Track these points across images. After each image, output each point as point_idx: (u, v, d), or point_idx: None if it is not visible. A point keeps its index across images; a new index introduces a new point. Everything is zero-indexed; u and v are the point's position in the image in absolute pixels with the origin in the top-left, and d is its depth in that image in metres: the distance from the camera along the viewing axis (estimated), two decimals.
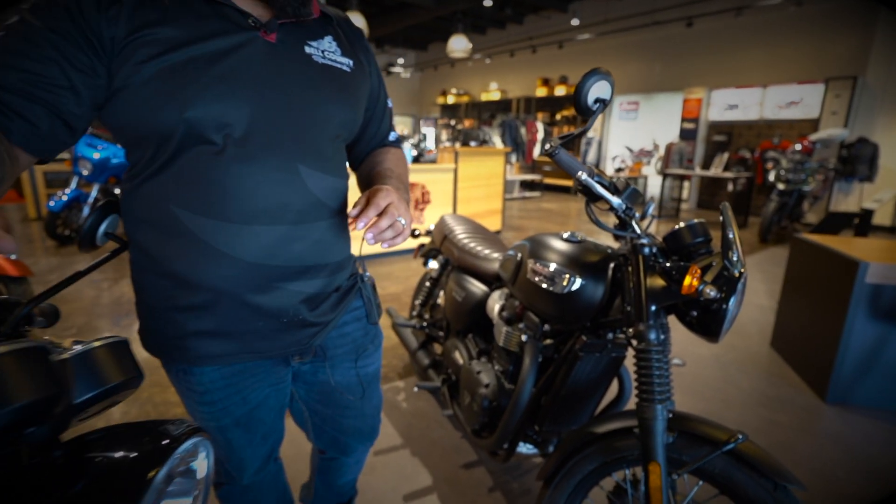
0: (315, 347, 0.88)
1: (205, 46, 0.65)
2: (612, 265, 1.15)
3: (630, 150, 9.54)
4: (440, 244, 1.96)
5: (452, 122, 12.66)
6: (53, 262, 4.22)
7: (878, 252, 2.24)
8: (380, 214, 0.69)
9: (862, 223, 3.42)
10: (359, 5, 5.92)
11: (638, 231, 1.05)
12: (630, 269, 1.05)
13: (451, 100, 13.29)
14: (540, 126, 10.00)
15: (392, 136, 1.00)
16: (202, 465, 0.51)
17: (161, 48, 0.63)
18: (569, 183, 10.53)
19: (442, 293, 1.99)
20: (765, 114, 7.83)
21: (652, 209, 1.24)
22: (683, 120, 8.65)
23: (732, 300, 0.95)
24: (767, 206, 5.89)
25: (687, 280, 0.93)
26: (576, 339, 1.21)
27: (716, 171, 7.45)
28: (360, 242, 0.78)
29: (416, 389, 1.88)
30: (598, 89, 0.92)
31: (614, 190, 1.03)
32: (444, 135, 11.39)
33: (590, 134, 9.91)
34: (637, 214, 1.06)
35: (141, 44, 0.62)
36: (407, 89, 14.89)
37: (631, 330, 1.03)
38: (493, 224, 5.85)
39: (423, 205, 4.89)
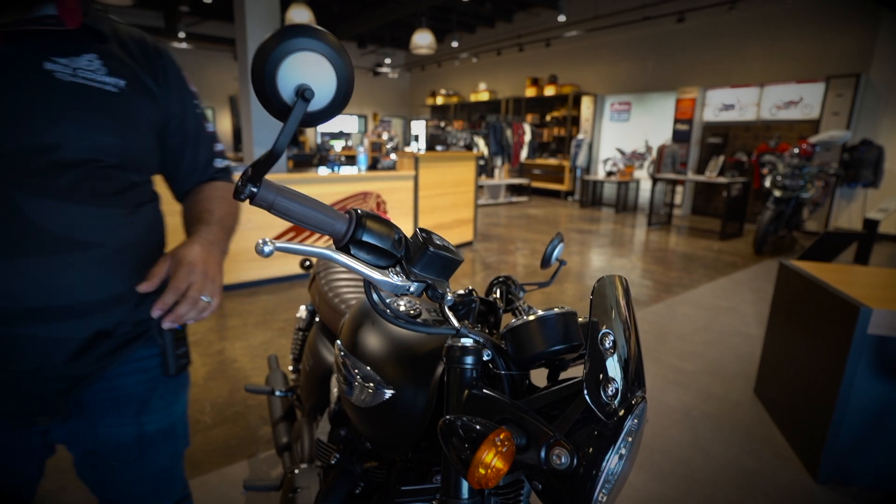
0: (69, 406, 0.76)
1: None
2: (440, 367, 0.70)
3: (622, 153, 9.06)
4: (310, 283, 1.51)
5: (442, 124, 12.22)
6: None
7: (884, 289, 1.77)
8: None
9: (864, 244, 2.93)
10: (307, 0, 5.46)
11: (455, 325, 0.59)
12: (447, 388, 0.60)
13: (440, 101, 12.85)
14: (527, 128, 9.53)
15: (218, 164, 0.91)
16: None
17: None
18: (558, 186, 10.06)
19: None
20: (762, 114, 7.34)
21: (559, 252, 0.80)
22: (676, 121, 8.17)
23: (608, 460, 0.50)
24: (763, 215, 5.42)
25: (481, 458, 0.47)
26: (391, 477, 0.76)
27: (710, 175, 6.95)
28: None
29: (244, 492, 1.43)
30: (299, 67, 0.46)
31: (404, 252, 0.57)
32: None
33: (580, 135, 9.44)
34: (449, 297, 0.60)
35: None
36: (396, 90, 14.47)
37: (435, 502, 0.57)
38: (463, 235, 5.39)
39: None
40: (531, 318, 0.58)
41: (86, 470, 0.85)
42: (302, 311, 1.57)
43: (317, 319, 1.42)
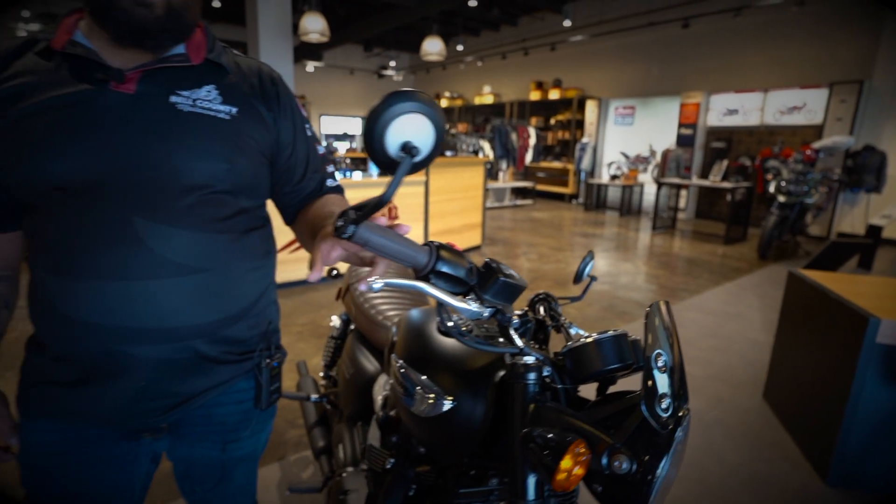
0: (169, 425, 0.83)
1: (44, 103, 0.67)
2: (498, 377, 0.76)
3: (626, 157, 9.13)
4: (343, 295, 1.58)
5: (447, 128, 12.29)
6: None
7: (891, 300, 1.84)
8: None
9: (868, 253, 3.00)
10: (318, 6, 5.53)
11: (519, 345, 0.66)
12: (512, 402, 0.67)
13: (444, 103, 12.93)
14: (532, 131, 9.60)
15: (329, 184, 0.94)
16: None
17: (4, 108, 0.67)
18: (562, 189, 10.13)
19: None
20: (766, 119, 7.41)
21: (590, 268, 0.86)
22: (681, 125, 8.24)
23: (663, 465, 0.57)
24: (767, 220, 5.48)
25: (562, 470, 0.54)
26: (448, 481, 0.83)
27: (714, 179, 7.02)
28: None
29: (287, 493, 1.50)
30: (407, 127, 0.53)
31: (477, 281, 0.65)
32: None
33: (584, 139, 9.50)
34: (514, 319, 0.67)
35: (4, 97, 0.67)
36: None
37: None
38: (472, 239, 5.46)
39: (391, 221, 4.51)
40: (589, 339, 0.65)
41: (181, 481, 0.93)
42: (335, 321, 1.63)
43: (352, 327, 1.49)
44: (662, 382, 0.59)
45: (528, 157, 9.60)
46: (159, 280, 0.71)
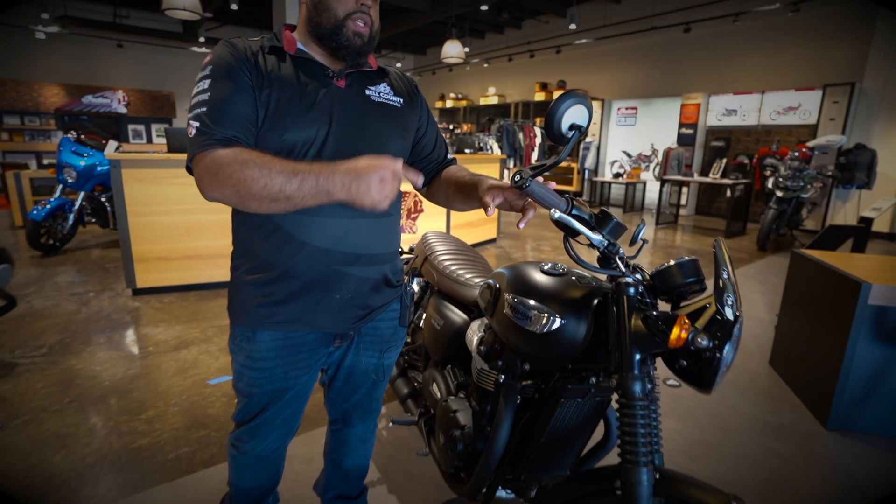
0: (353, 333, 1.10)
1: (298, 90, 0.94)
2: (595, 302, 1.05)
3: (628, 156, 9.46)
4: (421, 265, 1.86)
5: (451, 127, 12.57)
6: (33, 273, 4.11)
7: (880, 271, 2.14)
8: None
9: (861, 236, 3.33)
10: None
11: (622, 269, 0.95)
12: (615, 309, 0.96)
13: (449, 104, 13.21)
14: (538, 131, 9.91)
15: (450, 157, 1.24)
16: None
17: (272, 91, 0.91)
18: (567, 188, 10.45)
19: (423, 317, 1.88)
20: (763, 119, 7.75)
21: (643, 233, 1.14)
22: (681, 125, 8.57)
23: (728, 348, 0.86)
24: (766, 214, 5.81)
25: (675, 332, 0.83)
26: (556, 382, 1.11)
27: (714, 177, 7.35)
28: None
29: (391, 425, 1.78)
30: (573, 114, 0.82)
31: (595, 223, 0.94)
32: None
33: (588, 138, 9.83)
34: (621, 250, 0.96)
35: (265, 87, 0.92)
36: None
37: (615, 379, 0.93)
38: (488, 232, 5.75)
39: (416, 214, 4.79)
40: (672, 263, 0.94)
41: (338, 385, 1.21)
42: (415, 287, 1.92)
43: (434, 290, 1.78)
44: (728, 288, 0.88)
45: (535, 155, 9.90)
46: (370, 219, 1.01)
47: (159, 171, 3.41)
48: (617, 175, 9.13)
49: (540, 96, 10.74)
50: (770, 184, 5.94)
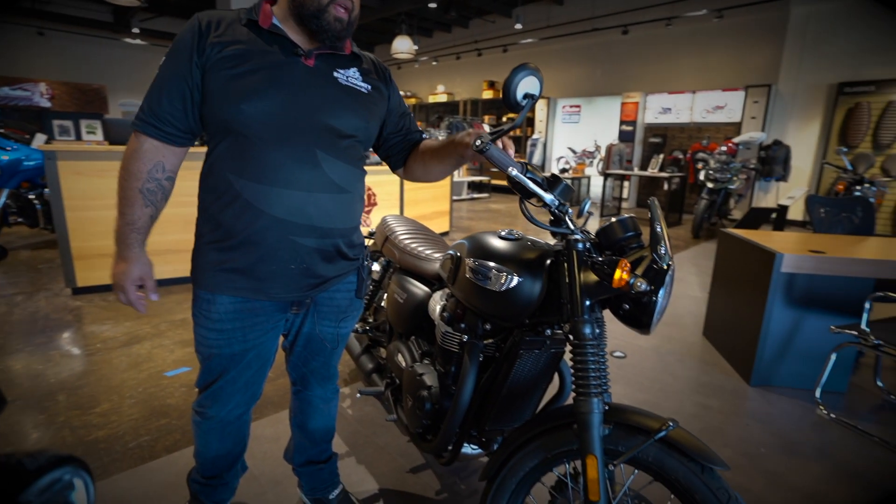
0: (309, 301, 1.16)
1: (263, 64, 0.98)
2: (548, 262, 1.16)
3: (573, 152, 9.87)
4: (381, 246, 1.92)
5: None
6: None
7: (793, 244, 2.42)
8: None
9: (779, 218, 3.72)
10: None
11: (572, 227, 1.07)
12: (565, 265, 1.07)
13: None
14: (487, 128, 10.12)
15: (424, 136, 1.31)
16: (81, 496, 0.44)
17: (231, 63, 0.96)
18: None
19: (385, 296, 1.94)
20: (695, 117, 8.34)
21: (588, 206, 1.26)
22: (622, 122, 9.05)
23: (662, 292, 0.99)
24: (699, 204, 6.28)
25: (617, 274, 0.95)
26: (515, 337, 1.22)
27: (652, 171, 7.84)
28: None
29: (358, 395, 1.83)
30: (526, 84, 0.92)
31: (547, 186, 1.04)
32: None
33: (535, 135, 10.18)
34: (570, 210, 1.08)
35: (221, 59, 0.96)
36: None
37: (567, 325, 1.04)
38: (441, 226, 5.85)
39: (370, 207, 4.82)
40: (613, 219, 1.07)
41: (297, 356, 1.27)
42: (376, 266, 1.98)
43: (396, 268, 1.84)
44: (661, 239, 1.01)
45: None
46: (327, 194, 1.05)
47: (100, 164, 3.25)
48: (563, 171, 9.51)
49: (488, 94, 10.98)
50: (702, 176, 6.43)
